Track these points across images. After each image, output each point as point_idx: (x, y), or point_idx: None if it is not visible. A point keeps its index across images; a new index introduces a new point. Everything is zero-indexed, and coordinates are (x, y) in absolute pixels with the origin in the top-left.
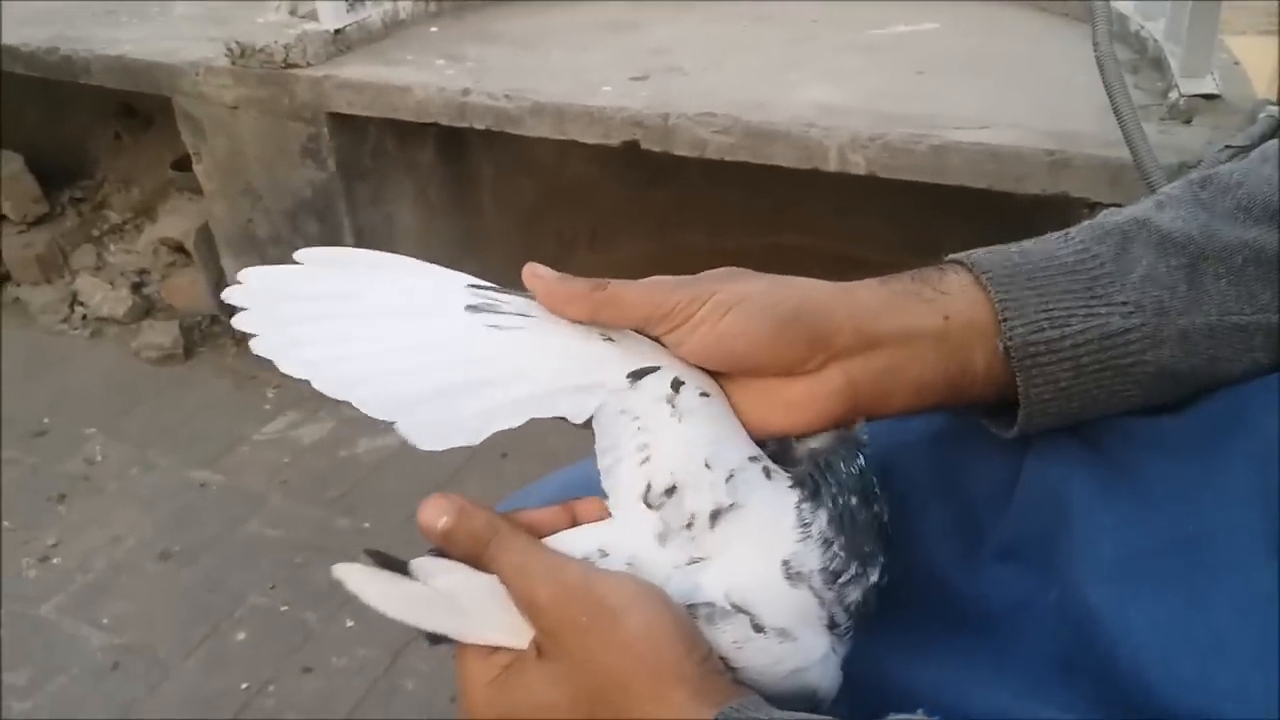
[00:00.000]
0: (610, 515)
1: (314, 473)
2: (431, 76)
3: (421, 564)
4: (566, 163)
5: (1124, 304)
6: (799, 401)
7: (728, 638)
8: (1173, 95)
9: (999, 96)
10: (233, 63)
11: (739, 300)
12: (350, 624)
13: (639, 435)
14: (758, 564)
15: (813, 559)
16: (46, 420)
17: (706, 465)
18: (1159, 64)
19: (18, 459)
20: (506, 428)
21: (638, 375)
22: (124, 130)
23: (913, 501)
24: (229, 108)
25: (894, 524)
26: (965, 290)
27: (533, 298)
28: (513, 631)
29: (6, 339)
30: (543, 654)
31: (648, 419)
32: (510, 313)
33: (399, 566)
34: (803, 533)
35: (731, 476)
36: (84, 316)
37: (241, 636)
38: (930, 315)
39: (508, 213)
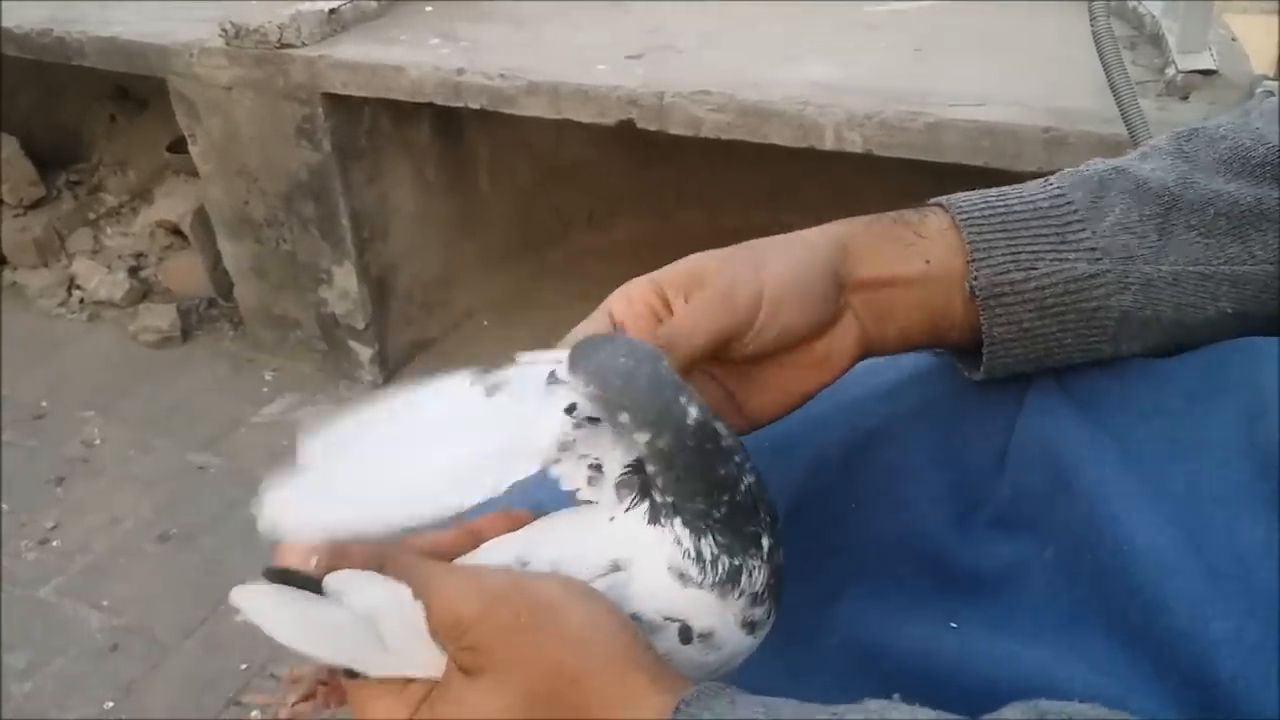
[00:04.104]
0: (522, 527)
1: None
2: (426, 56)
3: (338, 579)
4: (564, 143)
5: (1092, 249)
6: (827, 355)
7: (660, 648)
8: (1170, 71)
9: (996, 74)
10: (227, 43)
11: (783, 285)
12: None
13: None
14: (663, 574)
15: (692, 568)
16: (45, 403)
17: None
18: (1157, 40)
19: (16, 442)
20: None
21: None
22: (119, 113)
23: (905, 471)
24: (223, 89)
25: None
26: (944, 234)
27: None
28: (433, 663)
29: (5, 323)
30: (470, 672)
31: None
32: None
33: (309, 585)
34: (672, 542)
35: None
36: (81, 300)
37: (240, 618)
38: (913, 260)
39: (505, 193)
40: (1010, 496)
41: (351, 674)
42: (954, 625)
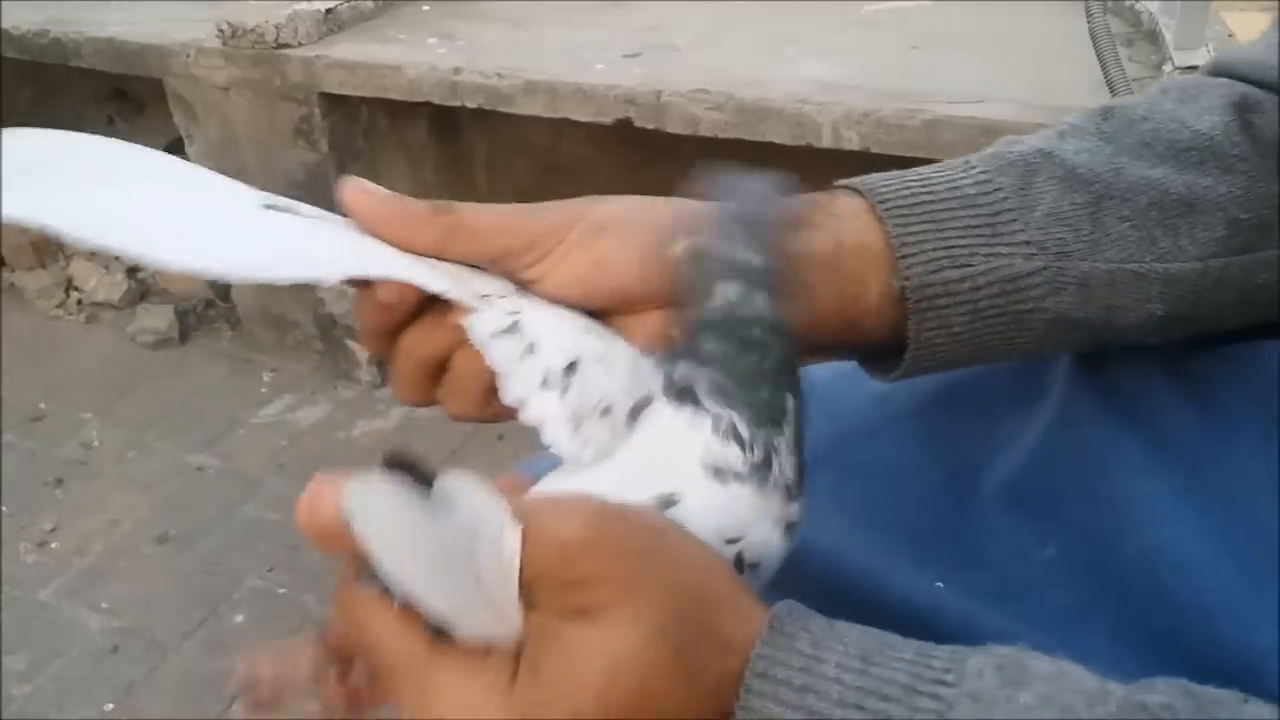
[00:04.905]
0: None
1: (311, 455)
2: (423, 55)
3: (453, 481)
4: (561, 143)
5: (1026, 244)
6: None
7: None
8: (1167, 68)
9: (993, 71)
10: (224, 43)
11: (615, 219)
12: None
13: (512, 322)
14: (708, 485)
15: (733, 452)
16: (43, 405)
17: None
18: (1154, 37)
19: (15, 444)
20: (327, 279)
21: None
22: (117, 114)
23: (901, 469)
24: (221, 89)
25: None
26: (858, 216)
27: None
28: (514, 618)
29: (3, 324)
30: (585, 613)
31: (522, 310)
32: (318, 218)
33: (424, 480)
34: (703, 427)
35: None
36: (79, 302)
37: (240, 619)
38: (820, 239)
39: (502, 193)
40: (1014, 492)
41: (439, 633)
42: (939, 584)
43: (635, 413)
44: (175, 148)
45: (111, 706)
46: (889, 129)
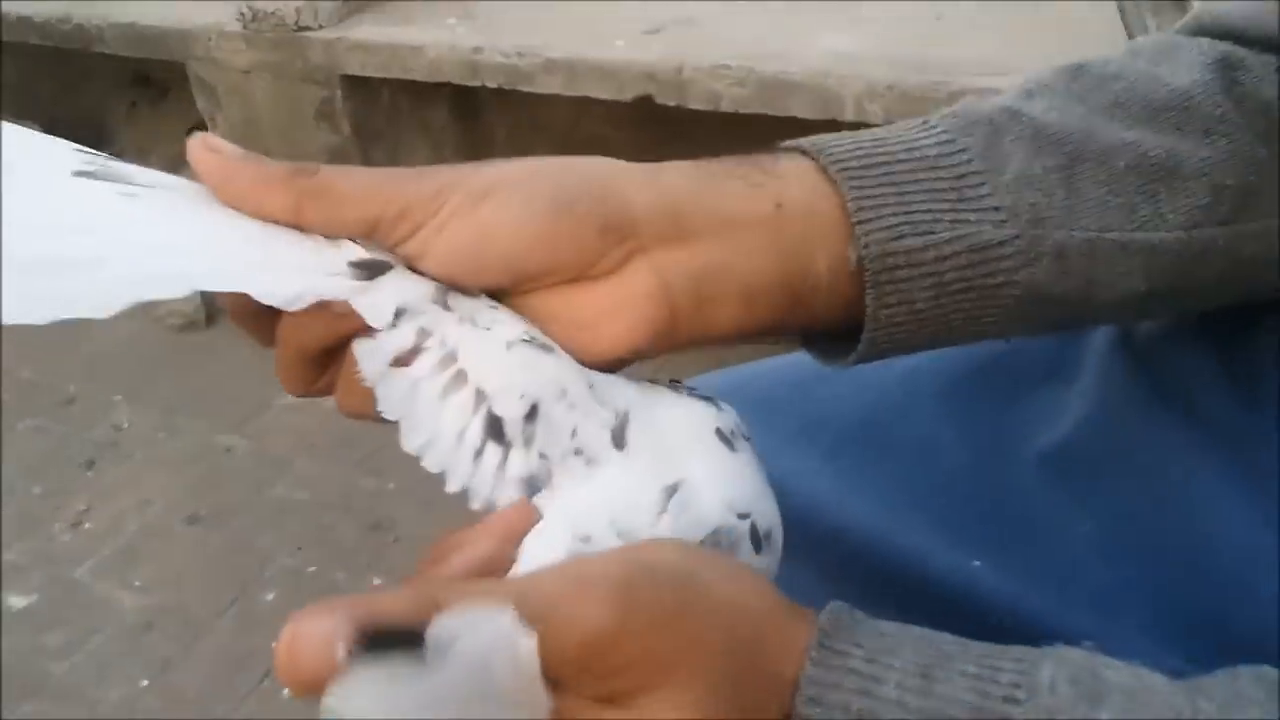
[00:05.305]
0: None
1: (338, 435)
2: (443, 35)
3: (444, 627)
4: (580, 122)
5: (995, 209)
6: (598, 314)
7: (745, 560)
8: None
9: (1018, 41)
10: (244, 27)
11: (497, 184)
12: (378, 582)
13: (437, 357)
14: (713, 454)
15: (730, 416)
16: (73, 388)
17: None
18: (1181, 5)
19: (47, 426)
20: (159, 297)
21: (368, 269)
22: (140, 99)
23: (932, 448)
24: (242, 72)
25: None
26: (803, 177)
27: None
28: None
29: None
30: (630, 694)
31: (435, 329)
32: (148, 185)
33: (409, 642)
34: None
35: (592, 385)
36: None
37: (271, 597)
38: (757, 200)
39: None
40: (1050, 470)
41: None
42: (977, 563)
43: (618, 437)
44: (199, 131)
45: (147, 682)
46: (913, 102)
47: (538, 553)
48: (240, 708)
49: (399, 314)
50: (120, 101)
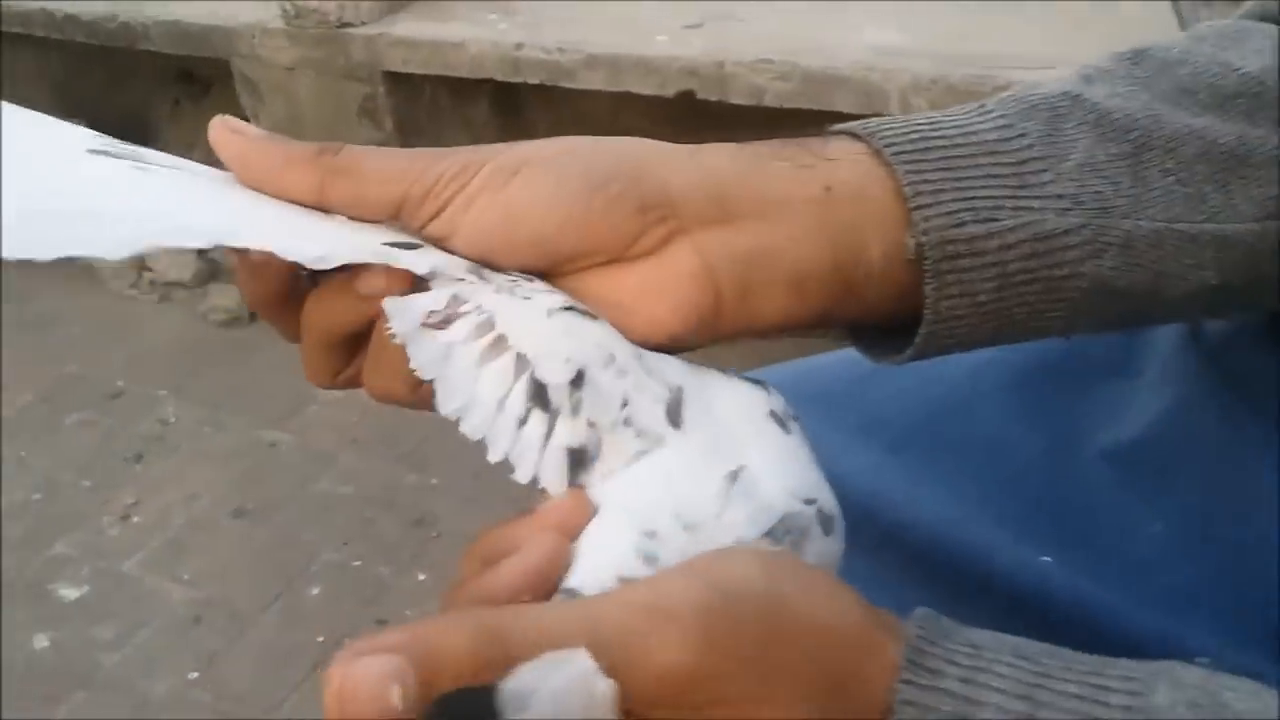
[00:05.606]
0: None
1: (382, 430)
2: (485, 31)
3: (521, 682)
4: (619, 118)
5: (1059, 197)
6: (636, 295)
7: (815, 548)
8: None
9: (1065, 33)
10: (288, 24)
11: (528, 161)
12: (422, 577)
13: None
14: (771, 436)
15: (778, 399)
16: (120, 383)
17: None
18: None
19: (95, 420)
20: (176, 245)
21: (397, 247)
22: (183, 97)
23: (999, 443)
24: (286, 69)
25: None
26: (854, 159)
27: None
28: None
29: (79, 305)
30: None
31: (470, 298)
32: (168, 165)
33: (483, 703)
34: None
35: (640, 356)
36: (152, 282)
37: (316, 591)
38: (805, 183)
39: None
40: (1121, 468)
41: None
42: (1047, 559)
43: (673, 414)
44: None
45: (196, 675)
46: (959, 96)
47: (600, 554)
48: (287, 700)
49: (432, 276)
50: (164, 99)
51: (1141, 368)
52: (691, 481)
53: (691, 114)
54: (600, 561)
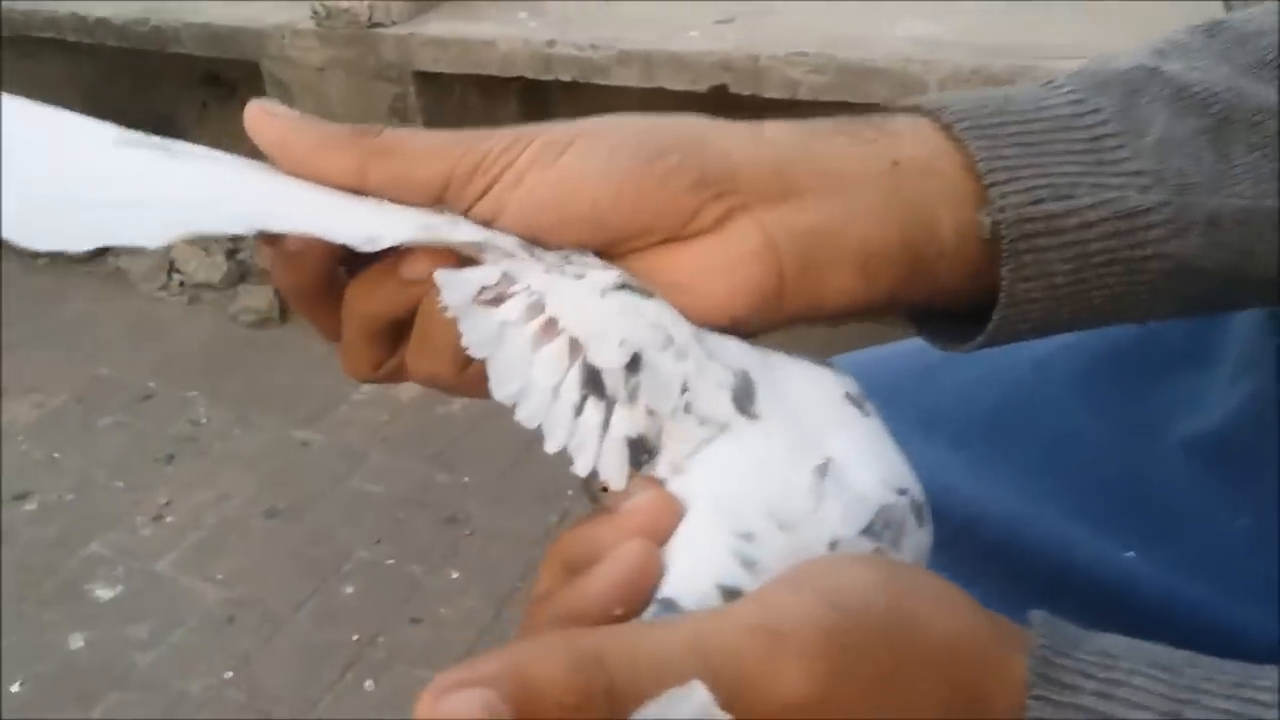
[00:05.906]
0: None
1: (412, 429)
2: (515, 29)
3: None
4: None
5: (1138, 174)
6: (694, 274)
7: (912, 542)
8: None
9: (1103, 23)
10: (318, 24)
11: (580, 134)
12: (455, 575)
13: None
14: (852, 422)
15: (851, 381)
16: (152, 384)
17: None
18: None
19: (127, 422)
20: (213, 231)
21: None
22: (211, 99)
23: (1072, 437)
24: (316, 70)
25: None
26: (920, 134)
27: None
28: None
29: (110, 308)
30: None
31: (521, 277)
32: (196, 155)
33: None
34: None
35: (701, 338)
36: (181, 283)
37: (349, 590)
38: (870, 157)
39: None
40: (1201, 459)
41: None
42: (1130, 554)
43: (740, 401)
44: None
45: (230, 674)
46: (998, 86)
47: (694, 560)
48: (322, 699)
49: (484, 249)
50: (191, 103)
51: (1219, 356)
52: (779, 476)
53: (722, 109)
54: (696, 568)
